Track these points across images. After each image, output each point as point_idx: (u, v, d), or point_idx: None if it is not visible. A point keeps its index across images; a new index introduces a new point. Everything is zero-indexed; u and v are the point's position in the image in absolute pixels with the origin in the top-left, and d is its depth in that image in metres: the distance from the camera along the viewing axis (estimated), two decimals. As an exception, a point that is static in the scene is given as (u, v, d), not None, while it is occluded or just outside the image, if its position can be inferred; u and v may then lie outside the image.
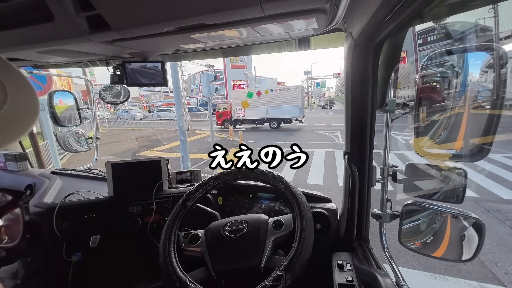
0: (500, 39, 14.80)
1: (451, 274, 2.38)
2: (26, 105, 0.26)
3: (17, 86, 0.26)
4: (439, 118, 0.75)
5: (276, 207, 1.14)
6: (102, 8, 0.60)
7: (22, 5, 0.62)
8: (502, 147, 5.72)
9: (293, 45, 0.99)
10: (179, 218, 0.86)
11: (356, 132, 0.85)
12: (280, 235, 0.77)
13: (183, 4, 0.59)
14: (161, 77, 1.10)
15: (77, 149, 1.83)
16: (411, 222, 0.81)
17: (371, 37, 0.68)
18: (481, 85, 0.65)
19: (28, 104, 0.26)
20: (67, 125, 1.60)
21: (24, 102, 0.26)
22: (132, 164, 1.20)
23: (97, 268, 1.18)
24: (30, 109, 0.26)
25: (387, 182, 0.86)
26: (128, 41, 0.78)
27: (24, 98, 0.26)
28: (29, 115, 0.26)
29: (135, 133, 14.52)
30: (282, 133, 12.04)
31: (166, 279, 0.71)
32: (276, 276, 0.64)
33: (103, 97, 1.36)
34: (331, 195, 1.12)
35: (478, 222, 0.66)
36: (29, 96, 0.27)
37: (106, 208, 1.16)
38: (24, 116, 0.25)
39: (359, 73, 0.78)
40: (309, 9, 0.61)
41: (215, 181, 0.92)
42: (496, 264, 2.46)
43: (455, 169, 0.77)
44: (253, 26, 0.71)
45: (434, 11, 0.49)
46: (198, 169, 1.32)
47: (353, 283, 0.77)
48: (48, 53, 0.90)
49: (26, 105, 0.26)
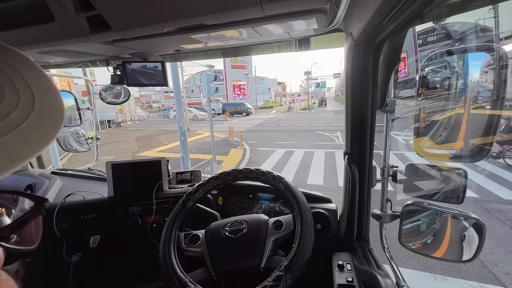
0: (500, 40, 14.79)
1: (451, 275, 2.38)
2: (52, 110, 0.24)
3: (44, 90, 0.24)
4: (439, 119, 0.75)
5: (276, 208, 1.14)
6: (102, 8, 0.60)
7: (23, 5, 0.62)
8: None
9: (293, 46, 0.99)
10: (179, 218, 0.86)
11: (356, 132, 0.85)
12: (280, 236, 0.77)
13: (183, 4, 0.59)
14: (161, 78, 1.10)
15: (77, 149, 1.83)
16: (411, 223, 0.81)
17: (371, 38, 0.68)
18: (481, 85, 0.65)
19: (54, 109, 0.24)
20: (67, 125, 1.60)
21: (51, 107, 0.24)
22: (132, 164, 1.20)
23: (97, 268, 1.18)
24: (56, 114, 0.24)
25: (387, 183, 0.86)
26: (129, 41, 0.78)
27: (51, 103, 0.24)
28: (56, 121, 0.24)
29: (135, 133, 14.54)
30: (282, 133, 12.04)
31: (166, 279, 0.71)
32: (276, 276, 0.64)
33: (103, 98, 1.36)
34: (331, 196, 1.12)
35: (478, 222, 0.66)
36: (55, 101, 0.25)
37: (106, 208, 1.16)
38: (51, 122, 0.23)
39: (359, 73, 0.78)
40: (309, 10, 0.61)
41: (215, 181, 0.92)
42: (497, 265, 2.46)
43: (455, 170, 0.77)
44: (253, 26, 0.71)
45: (434, 11, 0.49)
46: (198, 169, 1.32)
47: (353, 283, 0.77)
48: (49, 54, 0.90)
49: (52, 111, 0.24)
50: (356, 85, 0.80)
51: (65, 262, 1.07)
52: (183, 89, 18.27)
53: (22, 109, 0.21)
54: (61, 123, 0.25)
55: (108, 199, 1.17)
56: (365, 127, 0.83)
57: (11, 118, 0.20)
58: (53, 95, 0.25)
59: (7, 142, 0.19)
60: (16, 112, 0.21)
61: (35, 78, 0.24)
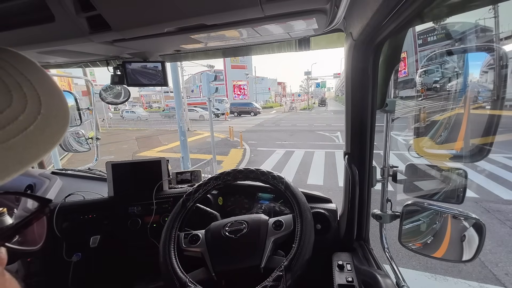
0: (500, 40, 14.81)
1: (451, 275, 2.37)
2: (58, 113, 0.24)
3: (50, 94, 0.25)
4: (439, 119, 0.75)
5: (276, 208, 1.14)
6: (102, 8, 0.60)
7: (23, 5, 0.62)
8: (502, 148, 5.72)
9: (293, 46, 0.99)
10: (179, 219, 0.86)
11: (357, 132, 0.85)
12: (280, 236, 0.77)
13: (183, 4, 0.59)
14: (161, 78, 1.10)
15: (77, 149, 1.83)
16: (412, 223, 0.81)
17: (371, 38, 0.68)
18: (481, 85, 0.65)
19: (59, 112, 0.25)
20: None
21: (56, 111, 0.24)
22: (132, 164, 1.20)
23: (97, 268, 1.18)
24: (61, 118, 0.25)
25: (387, 183, 0.86)
26: (129, 41, 0.78)
27: (56, 106, 0.25)
28: (61, 124, 0.24)
29: (135, 133, 14.54)
30: (282, 133, 12.04)
31: (166, 279, 0.71)
32: (276, 276, 0.64)
33: (104, 98, 1.36)
34: (331, 196, 1.12)
35: (478, 222, 0.65)
36: (60, 104, 0.25)
37: (106, 208, 1.16)
38: (56, 126, 0.24)
39: (359, 73, 0.78)
40: (309, 10, 0.61)
41: (215, 181, 0.92)
42: (497, 265, 2.46)
43: (456, 170, 0.77)
44: (253, 26, 0.71)
45: (434, 11, 0.49)
46: (198, 169, 1.32)
47: (353, 283, 0.77)
48: (49, 54, 0.90)
49: (58, 114, 0.24)
50: (356, 85, 0.80)
51: (65, 262, 1.07)
52: (183, 89, 18.29)
53: (29, 112, 0.22)
54: (66, 126, 0.25)
55: (108, 199, 1.17)
56: (365, 127, 0.83)
57: (19, 122, 0.21)
58: (58, 98, 0.26)
59: (16, 144, 0.20)
60: (23, 116, 0.22)
61: (41, 82, 0.25)
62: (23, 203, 0.49)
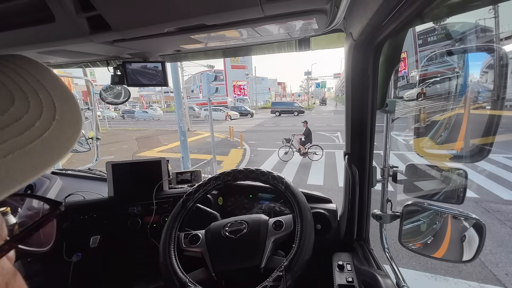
0: (501, 40, 14.81)
1: (451, 275, 2.37)
2: (71, 119, 0.25)
3: (64, 100, 0.25)
4: (440, 119, 0.75)
5: (276, 208, 1.14)
6: (102, 8, 0.60)
7: (23, 5, 0.62)
8: (502, 148, 5.72)
9: (293, 46, 0.99)
10: (179, 219, 0.86)
11: (357, 132, 0.85)
12: (280, 236, 0.77)
13: (184, 4, 0.59)
14: (161, 78, 1.10)
15: (78, 149, 1.83)
16: (412, 223, 0.81)
17: (372, 38, 0.68)
18: (481, 85, 0.65)
19: (74, 119, 0.25)
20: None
21: (70, 117, 0.25)
22: (133, 165, 1.20)
23: (97, 268, 1.18)
24: (75, 123, 0.25)
25: (387, 183, 0.86)
26: (129, 41, 0.78)
27: (70, 112, 0.25)
28: (74, 130, 0.24)
29: (135, 133, 14.54)
30: (282, 133, 12.03)
31: (166, 280, 0.71)
32: (276, 276, 0.64)
33: (104, 98, 1.36)
34: (331, 196, 1.12)
35: (478, 222, 0.65)
36: (74, 111, 0.26)
37: (106, 208, 1.16)
38: (70, 132, 0.24)
39: (359, 73, 0.78)
40: (309, 10, 0.61)
41: (215, 181, 0.92)
42: (497, 265, 2.46)
43: (456, 170, 0.77)
44: (254, 26, 0.71)
45: (434, 11, 0.49)
46: (198, 169, 1.32)
47: (353, 283, 0.77)
48: (49, 54, 0.90)
49: (71, 120, 0.25)
50: (356, 85, 0.80)
51: (65, 262, 1.07)
52: (183, 89, 18.30)
53: (45, 118, 0.23)
54: (79, 132, 0.25)
55: (108, 199, 1.17)
56: (365, 127, 0.83)
57: (36, 128, 0.22)
58: (72, 105, 0.26)
59: (32, 150, 0.20)
60: (40, 122, 0.22)
61: (56, 89, 0.25)
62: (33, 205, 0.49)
